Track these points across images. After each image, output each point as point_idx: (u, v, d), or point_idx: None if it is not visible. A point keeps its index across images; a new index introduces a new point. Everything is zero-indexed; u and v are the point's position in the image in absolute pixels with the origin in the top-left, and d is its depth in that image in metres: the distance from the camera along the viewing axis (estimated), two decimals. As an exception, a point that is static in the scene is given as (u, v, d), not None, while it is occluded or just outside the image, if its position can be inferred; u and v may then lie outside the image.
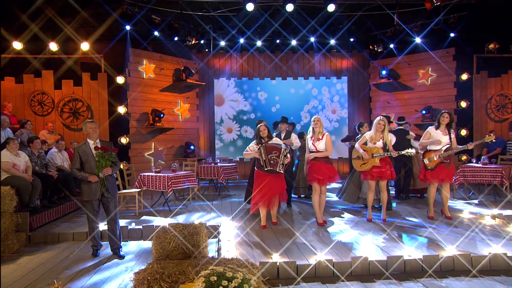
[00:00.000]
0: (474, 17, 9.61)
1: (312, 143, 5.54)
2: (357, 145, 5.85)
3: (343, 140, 9.58)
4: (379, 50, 10.96)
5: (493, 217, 5.66)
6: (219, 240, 5.06)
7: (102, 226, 5.72)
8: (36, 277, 4.26)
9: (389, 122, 7.41)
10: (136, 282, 3.18)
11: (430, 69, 10.35)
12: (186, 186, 7.38)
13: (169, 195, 6.99)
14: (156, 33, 9.89)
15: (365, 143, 5.76)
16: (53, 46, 8.89)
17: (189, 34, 10.30)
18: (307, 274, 3.91)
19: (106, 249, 5.18)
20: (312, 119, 5.62)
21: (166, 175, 6.93)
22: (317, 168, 5.45)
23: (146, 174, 7.16)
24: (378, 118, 5.68)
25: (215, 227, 5.53)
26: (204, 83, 10.95)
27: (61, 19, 8.89)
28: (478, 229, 5.15)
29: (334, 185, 8.39)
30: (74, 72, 9.29)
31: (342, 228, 5.53)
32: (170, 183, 6.85)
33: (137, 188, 7.16)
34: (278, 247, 4.63)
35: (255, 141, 5.60)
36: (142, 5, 9.33)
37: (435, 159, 5.76)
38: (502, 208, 6.24)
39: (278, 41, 11.55)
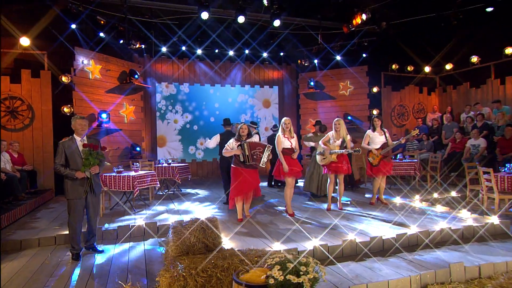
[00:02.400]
0: (380, 42, 10.76)
1: (288, 139, 5.58)
2: (320, 142, 6.07)
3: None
4: (305, 64, 11.57)
5: (421, 201, 6.39)
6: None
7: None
8: (19, 289, 3.50)
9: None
10: (170, 279, 2.82)
11: (348, 82, 11.26)
12: (147, 186, 6.79)
13: (135, 195, 6.34)
14: (101, 34, 8.96)
15: (328, 141, 6.01)
16: (-16, 39, 7.41)
17: (134, 38, 9.58)
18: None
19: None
20: (284, 121, 5.65)
21: (131, 175, 6.28)
22: (294, 163, 5.52)
23: (108, 174, 6.39)
24: (335, 119, 5.98)
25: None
26: (150, 86, 10.24)
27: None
28: (411, 210, 5.74)
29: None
30: (10, 68, 7.86)
31: (313, 217, 5.63)
32: (135, 183, 6.23)
33: (98, 189, 6.35)
34: (266, 236, 4.55)
35: (233, 140, 5.43)
36: (86, 6, 8.36)
37: (377, 156, 6.27)
38: (422, 194, 7.09)
39: (216, 50, 11.41)
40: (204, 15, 8.09)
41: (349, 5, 9.87)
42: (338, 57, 11.15)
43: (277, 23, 8.72)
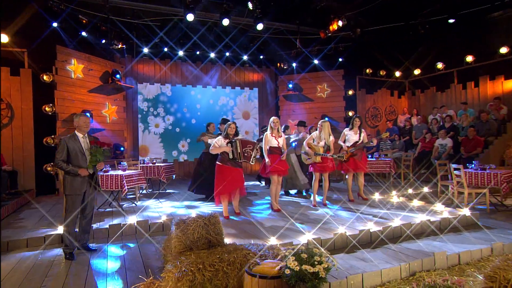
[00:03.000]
0: (355, 48, 11.09)
1: (275, 138, 5.64)
2: (304, 143, 6.17)
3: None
4: (284, 67, 11.72)
5: (398, 196, 6.65)
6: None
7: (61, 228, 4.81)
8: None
9: (304, 126, 8.01)
10: (178, 275, 2.79)
11: (325, 85, 11.50)
12: (136, 185, 6.63)
13: (124, 194, 6.18)
14: (84, 33, 8.65)
15: (312, 141, 6.12)
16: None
17: (116, 38, 9.33)
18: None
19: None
20: (273, 120, 5.71)
21: (120, 174, 6.12)
22: (280, 161, 5.58)
23: (95, 174, 6.17)
24: (321, 120, 6.11)
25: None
26: (133, 86, 10.00)
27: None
28: (391, 205, 5.96)
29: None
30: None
31: (301, 213, 5.68)
32: (124, 182, 6.08)
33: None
34: (260, 232, 4.58)
35: (221, 137, 5.39)
36: (67, 4, 8.05)
37: (347, 153, 6.44)
38: (399, 190, 7.38)
39: (198, 52, 11.31)
40: (190, 17, 8.03)
41: (326, 12, 10.12)
42: (316, 61, 11.38)
43: (260, 26, 8.81)
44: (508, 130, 8.66)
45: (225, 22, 8.39)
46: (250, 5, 8.06)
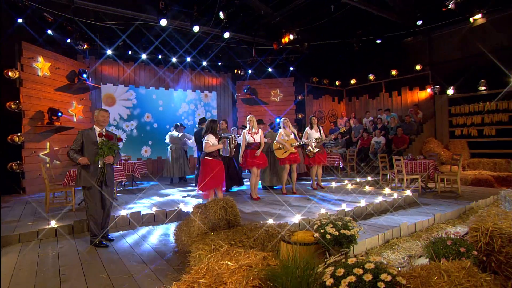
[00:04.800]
0: (304, 59, 11.80)
1: (251, 136, 5.83)
2: (277, 139, 6.48)
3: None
4: (241, 74, 11.97)
5: (352, 184, 7.33)
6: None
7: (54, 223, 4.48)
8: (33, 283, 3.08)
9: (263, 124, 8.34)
10: (216, 252, 2.87)
11: (278, 91, 12.01)
12: (117, 180, 6.31)
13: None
14: (49, 31, 7.90)
15: (282, 138, 6.46)
16: None
17: (81, 39, 8.68)
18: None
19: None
20: (249, 118, 5.90)
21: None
22: (259, 156, 5.78)
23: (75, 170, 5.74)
24: (283, 118, 6.49)
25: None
26: (100, 86, 9.36)
27: None
28: (350, 191, 6.58)
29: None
30: None
31: (280, 200, 5.94)
32: (108, 177, 5.75)
33: (65, 185, 5.71)
34: (254, 217, 4.76)
35: (211, 135, 5.41)
36: (31, 3, 7.31)
37: (314, 149, 6.95)
38: (350, 179, 8.09)
39: (160, 56, 11.01)
40: (163, 22, 7.84)
41: (278, 27, 10.65)
42: (270, 69, 11.83)
43: (226, 35, 8.95)
44: (425, 130, 10.04)
45: (196, 29, 8.37)
46: (221, 15, 8.15)
